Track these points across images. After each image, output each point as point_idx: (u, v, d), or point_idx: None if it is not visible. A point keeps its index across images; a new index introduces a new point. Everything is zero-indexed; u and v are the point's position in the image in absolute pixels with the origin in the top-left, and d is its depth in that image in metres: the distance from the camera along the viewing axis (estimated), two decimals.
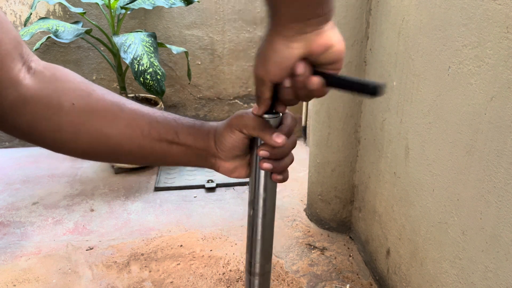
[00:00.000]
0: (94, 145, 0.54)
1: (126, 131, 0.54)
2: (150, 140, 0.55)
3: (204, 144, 0.56)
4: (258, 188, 0.55)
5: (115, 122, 0.54)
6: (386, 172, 1.56)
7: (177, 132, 0.55)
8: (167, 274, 1.73)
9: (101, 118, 0.53)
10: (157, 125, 0.55)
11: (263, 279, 0.60)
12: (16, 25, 2.64)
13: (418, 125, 1.30)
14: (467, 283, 1.07)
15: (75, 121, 0.52)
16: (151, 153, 0.56)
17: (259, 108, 0.52)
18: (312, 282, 1.70)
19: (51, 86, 0.52)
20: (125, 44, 2.07)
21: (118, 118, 0.54)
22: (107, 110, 0.54)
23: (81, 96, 0.53)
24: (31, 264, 1.78)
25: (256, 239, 0.58)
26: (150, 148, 0.55)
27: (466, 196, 1.06)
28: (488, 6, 0.94)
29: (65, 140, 0.53)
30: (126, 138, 0.54)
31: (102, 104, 0.54)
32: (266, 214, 0.57)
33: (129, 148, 0.55)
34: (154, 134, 0.55)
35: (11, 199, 2.27)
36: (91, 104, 0.53)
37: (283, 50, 0.45)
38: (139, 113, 0.55)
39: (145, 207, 2.21)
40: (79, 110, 0.52)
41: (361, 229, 1.86)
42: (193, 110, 3.02)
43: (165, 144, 0.55)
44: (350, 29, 1.67)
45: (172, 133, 0.55)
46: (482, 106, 0.98)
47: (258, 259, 0.59)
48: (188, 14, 2.78)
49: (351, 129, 1.82)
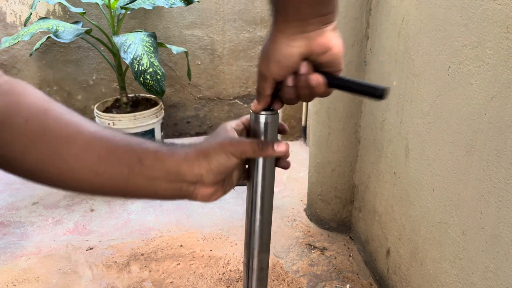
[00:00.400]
0: (44, 167, 0.49)
1: (80, 154, 0.49)
2: (108, 166, 0.49)
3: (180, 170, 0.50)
4: (256, 185, 0.56)
5: (69, 144, 0.49)
6: (386, 172, 1.56)
7: (141, 158, 0.49)
8: (167, 274, 1.73)
9: (54, 139, 0.48)
10: (117, 149, 0.49)
11: (261, 274, 0.61)
12: (16, 25, 2.64)
13: (418, 125, 1.30)
14: (467, 283, 1.07)
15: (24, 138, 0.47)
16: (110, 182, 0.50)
17: (259, 104, 0.53)
18: (312, 282, 1.70)
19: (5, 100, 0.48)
20: (125, 44, 2.07)
21: (73, 140, 0.49)
22: (62, 130, 0.49)
23: (37, 113, 0.48)
24: (31, 264, 1.78)
25: (254, 233, 0.58)
26: (109, 176, 0.49)
27: (466, 196, 1.06)
28: (488, 6, 0.94)
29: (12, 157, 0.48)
30: (80, 162, 0.49)
31: (58, 123, 0.49)
32: (264, 208, 0.57)
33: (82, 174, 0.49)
34: (113, 159, 0.49)
35: (11, 199, 2.27)
36: (46, 122, 0.48)
37: (284, 48, 0.46)
38: (98, 136, 0.50)
39: (145, 207, 2.21)
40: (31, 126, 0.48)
41: (361, 229, 1.86)
42: (193, 110, 3.02)
43: (126, 171, 0.49)
44: (350, 29, 1.67)
45: (134, 158, 0.49)
46: (482, 106, 0.98)
47: (256, 253, 0.59)
48: (188, 14, 2.78)
49: (351, 129, 1.82)
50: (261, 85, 0.51)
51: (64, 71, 2.78)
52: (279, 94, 0.52)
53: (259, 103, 0.53)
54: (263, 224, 0.58)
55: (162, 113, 2.53)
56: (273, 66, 0.48)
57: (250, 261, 0.60)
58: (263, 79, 0.50)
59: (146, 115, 2.40)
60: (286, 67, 0.47)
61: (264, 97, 0.52)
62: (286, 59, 0.47)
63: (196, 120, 3.06)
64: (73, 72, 2.79)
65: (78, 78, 2.81)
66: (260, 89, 0.51)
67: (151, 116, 2.43)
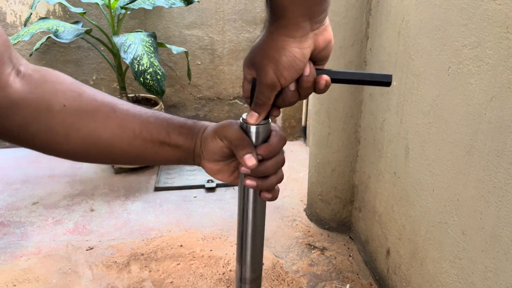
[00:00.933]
0: (85, 146, 0.54)
1: (117, 131, 0.54)
2: (142, 140, 0.55)
3: (192, 143, 0.56)
4: (247, 199, 0.55)
5: (106, 123, 0.53)
6: (386, 172, 1.56)
7: (169, 133, 0.55)
8: (167, 274, 1.73)
9: (92, 119, 0.53)
10: (149, 125, 0.55)
11: (254, 285, 0.60)
12: (16, 25, 2.64)
13: (418, 125, 1.30)
14: (467, 283, 1.07)
15: (66, 122, 0.52)
16: (143, 153, 0.56)
17: (260, 116, 0.50)
18: (312, 282, 1.70)
19: (40, 89, 0.51)
20: (125, 44, 2.07)
21: (109, 119, 0.54)
22: (98, 110, 0.53)
23: (72, 97, 0.52)
24: (31, 264, 1.78)
25: (246, 247, 0.57)
26: (142, 149, 0.55)
27: (466, 196, 1.06)
28: (488, 6, 0.94)
29: (56, 141, 0.53)
30: (117, 138, 0.54)
31: (94, 104, 0.54)
32: (256, 221, 0.56)
33: (120, 148, 0.55)
34: (146, 135, 0.55)
35: (11, 199, 2.27)
36: (82, 105, 0.53)
37: (296, 52, 0.45)
38: (131, 114, 0.55)
39: (145, 207, 2.21)
40: (69, 111, 0.52)
41: (361, 229, 1.86)
42: (193, 110, 3.02)
43: (157, 144, 0.55)
44: (350, 29, 1.67)
45: (164, 134, 0.55)
46: (482, 106, 0.98)
47: (249, 266, 0.58)
48: (188, 14, 2.78)
49: (351, 129, 1.82)
50: (265, 95, 0.48)
51: (64, 71, 2.76)
52: (276, 100, 0.50)
53: (260, 115, 0.50)
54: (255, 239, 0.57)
55: None
56: (286, 73, 0.46)
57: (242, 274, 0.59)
58: (271, 89, 0.48)
59: None
60: (299, 70, 0.46)
61: (267, 107, 0.50)
62: (301, 62, 0.45)
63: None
64: (73, 72, 2.79)
65: (78, 78, 2.78)
66: (264, 100, 0.49)
67: None
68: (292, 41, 0.44)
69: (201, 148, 0.55)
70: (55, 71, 0.54)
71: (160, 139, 0.55)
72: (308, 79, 0.47)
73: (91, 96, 0.54)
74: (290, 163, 2.70)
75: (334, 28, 1.68)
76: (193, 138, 0.56)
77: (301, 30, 0.44)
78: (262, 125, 0.51)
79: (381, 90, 1.56)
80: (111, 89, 2.87)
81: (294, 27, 0.43)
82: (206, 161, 0.56)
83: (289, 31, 0.44)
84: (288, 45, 0.44)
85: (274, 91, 0.48)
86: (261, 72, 0.47)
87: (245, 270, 0.59)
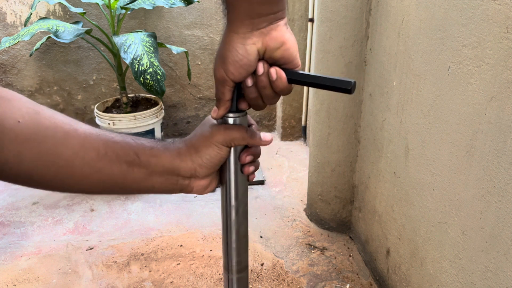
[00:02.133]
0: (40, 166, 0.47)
1: (79, 150, 0.48)
2: (107, 162, 0.49)
3: (174, 165, 0.52)
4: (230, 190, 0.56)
5: (67, 141, 0.48)
6: (386, 172, 1.56)
7: (137, 153, 0.51)
8: (167, 274, 1.73)
9: (50, 136, 0.47)
10: (114, 145, 0.50)
11: (241, 276, 0.61)
12: (16, 25, 2.64)
13: (418, 125, 1.30)
14: (467, 283, 1.07)
15: (18, 138, 0.45)
16: (110, 178, 0.50)
17: (219, 110, 0.52)
18: (312, 282, 1.70)
19: None
20: (125, 44, 2.07)
21: (70, 137, 0.48)
22: (57, 127, 0.48)
23: (28, 113, 0.47)
24: (31, 264, 1.78)
25: (231, 236, 0.59)
26: (108, 171, 0.50)
27: (466, 196, 1.06)
28: (488, 6, 0.94)
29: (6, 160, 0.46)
30: (79, 159, 0.48)
31: (52, 122, 0.48)
32: (238, 211, 0.58)
33: (82, 170, 0.49)
34: (111, 155, 0.49)
35: (11, 199, 2.27)
36: (39, 121, 0.47)
37: (240, 47, 0.46)
38: (94, 133, 0.50)
39: (145, 207, 2.21)
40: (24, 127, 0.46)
41: (361, 229, 1.86)
42: (193, 110, 3.02)
43: (125, 166, 0.50)
44: (350, 29, 1.67)
45: (131, 154, 0.50)
46: (482, 106, 0.98)
47: (234, 255, 0.59)
48: (188, 14, 2.78)
49: (351, 129, 1.82)
50: (220, 90, 0.50)
51: (64, 71, 2.78)
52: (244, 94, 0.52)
53: (219, 109, 0.52)
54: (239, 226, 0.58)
55: (162, 113, 2.53)
56: (231, 68, 0.47)
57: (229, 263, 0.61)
58: (222, 84, 0.49)
59: (146, 115, 2.40)
60: (244, 66, 0.47)
61: (224, 102, 0.51)
62: (244, 57, 0.47)
63: (196, 120, 3.06)
64: (73, 72, 2.79)
65: (78, 78, 2.81)
66: (220, 95, 0.50)
67: (151, 116, 2.43)
68: (237, 37, 0.46)
69: (195, 167, 0.52)
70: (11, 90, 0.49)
71: (128, 160, 0.50)
72: (261, 78, 0.49)
73: (50, 114, 0.48)
74: (290, 163, 2.70)
75: (334, 28, 1.69)
76: (174, 159, 0.52)
77: (245, 26, 0.45)
78: (239, 118, 0.53)
79: (381, 90, 1.56)
80: (111, 89, 2.87)
81: (238, 23, 0.45)
82: (199, 179, 0.53)
83: (234, 27, 0.46)
84: (232, 41, 0.46)
85: (226, 86, 0.49)
86: (214, 68, 0.49)
87: (231, 259, 0.60)
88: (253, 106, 0.53)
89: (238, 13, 0.45)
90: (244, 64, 0.47)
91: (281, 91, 0.50)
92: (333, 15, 1.67)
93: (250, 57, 0.47)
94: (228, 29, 0.46)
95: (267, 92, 0.50)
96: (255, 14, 0.45)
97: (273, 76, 0.48)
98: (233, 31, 0.46)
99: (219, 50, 0.48)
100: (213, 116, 0.52)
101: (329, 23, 1.70)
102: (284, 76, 0.49)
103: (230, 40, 0.46)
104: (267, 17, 0.45)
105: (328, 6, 1.68)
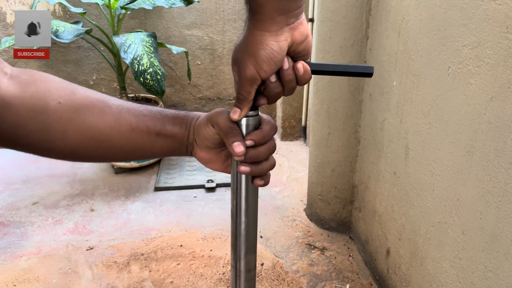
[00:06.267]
0: (83, 142, 0.54)
1: (114, 125, 0.54)
2: (139, 133, 0.56)
3: (185, 132, 0.57)
4: (240, 187, 0.56)
5: (103, 117, 0.54)
6: (386, 172, 1.56)
7: (164, 123, 0.57)
8: (167, 274, 1.73)
9: (89, 114, 0.53)
10: (144, 118, 0.56)
11: (249, 275, 0.61)
12: None
13: (418, 125, 1.30)
14: (467, 283, 1.07)
15: (63, 118, 0.52)
16: (140, 146, 0.57)
17: (243, 111, 0.52)
18: (312, 282, 1.70)
19: (32, 88, 0.51)
20: (125, 44, 2.07)
21: (105, 113, 0.54)
22: (94, 105, 0.54)
23: (66, 94, 0.53)
24: (31, 264, 1.78)
25: (240, 235, 0.58)
26: (139, 141, 0.56)
27: (466, 196, 1.06)
28: (488, 6, 0.94)
29: (53, 139, 0.52)
30: (115, 132, 0.54)
31: (88, 100, 0.54)
32: (248, 210, 0.57)
33: (118, 142, 0.55)
34: (142, 127, 0.56)
35: (11, 199, 2.27)
36: (77, 101, 0.53)
37: (274, 44, 0.47)
38: (125, 108, 0.56)
39: (145, 207, 2.21)
40: (65, 107, 0.52)
41: (361, 229, 1.86)
42: (193, 110, 3.02)
43: (153, 136, 0.56)
44: (350, 29, 1.67)
45: (159, 125, 0.56)
46: (482, 106, 0.98)
47: (243, 255, 0.59)
48: (188, 14, 2.78)
49: (351, 129, 1.82)
50: (246, 90, 0.50)
51: (64, 71, 2.78)
52: (262, 91, 0.52)
53: (243, 110, 0.52)
54: (248, 226, 0.58)
55: None
56: (265, 65, 0.48)
57: (237, 263, 0.60)
58: (250, 83, 0.50)
59: None
60: (278, 62, 0.49)
61: (249, 101, 0.51)
62: (278, 54, 0.48)
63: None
64: (73, 72, 2.79)
65: (78, 78, 2.81)
66: (245, 94, 0.51)
67: None
68: (269, 35, 0.47)
69: (194, 136, 0.57)
70: (42, 72, 0.54)
71: (156, 131, 0.56)
72: (288, 72, 0.50)
73: (84, 93, 0.55)
74: (290, 163, 2.70)
75: (334, 28, 1.69)
76: (187, 127, 0.57)
77: (277, 24, 0.46)
78: (252, 117, 0.53)
79: (381, 90, 1.56)
80: (111, 89, 2.87)
81: (270, 22, 0.46)
82: (199, 149, 0.57)
83: (266, 26, 0.46)
84: (265, 39, 0.47)
85: (254, 85, 0.50)
86: (241, 67, 0.49)
87: (239, 258, 0.59)
88: (272, 101, 0.53)
89: (268, 12, 0.45)
90: (278, 61, 0.48)
91: (304, 83, 0.52)
92: (333, 15, 1.67)
93: (283, 53, 0.48)
94: (256, 27, 0.47)
95: (292, 85, 0.51)
96: (285, 11, 0.46)
97: (300, 70, 0.50)
98: (265, 30, 0.46)
99: (246, 50, 0.48)
100: (234, 117, 0.53)
101: (329, 23, 1.70)
102: (309, 69, 0.50)
103: (262, 39, 0.47)
104: (295, 12, 0.47)
105: (328, 6, 1.69)
